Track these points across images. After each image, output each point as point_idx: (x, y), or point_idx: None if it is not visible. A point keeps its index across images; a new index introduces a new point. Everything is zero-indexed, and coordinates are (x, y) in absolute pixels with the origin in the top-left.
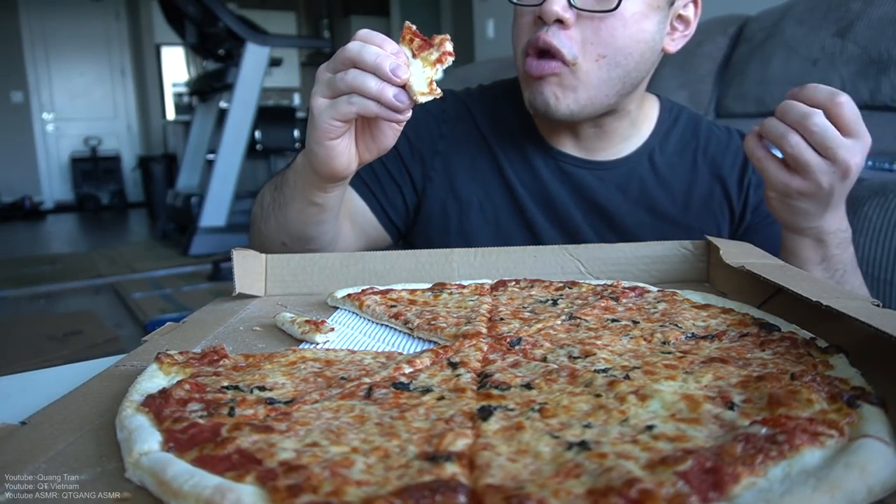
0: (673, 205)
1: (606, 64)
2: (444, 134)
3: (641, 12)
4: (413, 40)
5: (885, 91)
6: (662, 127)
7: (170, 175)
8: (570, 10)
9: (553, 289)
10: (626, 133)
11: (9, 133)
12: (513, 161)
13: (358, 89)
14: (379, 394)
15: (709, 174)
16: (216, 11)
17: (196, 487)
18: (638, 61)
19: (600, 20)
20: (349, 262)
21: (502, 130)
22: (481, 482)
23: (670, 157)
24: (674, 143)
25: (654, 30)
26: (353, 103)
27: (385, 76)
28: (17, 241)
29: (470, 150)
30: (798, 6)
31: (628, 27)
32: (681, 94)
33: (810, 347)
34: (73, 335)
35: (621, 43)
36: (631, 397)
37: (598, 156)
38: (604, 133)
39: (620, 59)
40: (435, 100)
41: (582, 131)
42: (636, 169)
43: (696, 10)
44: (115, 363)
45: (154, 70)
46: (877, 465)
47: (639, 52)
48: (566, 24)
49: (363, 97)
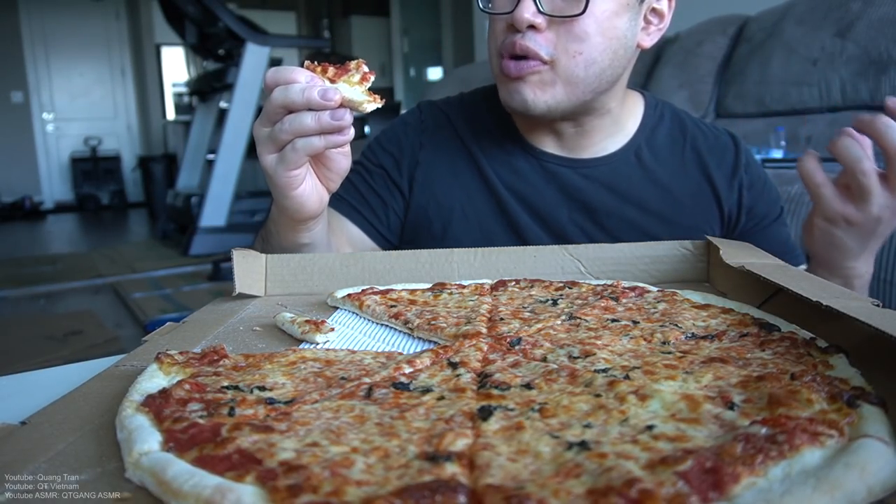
0: (662, 202)
1: (583, 61)
2: (423, 143)
3: (612, 10)
4: (326, 70)
5: (885, 91)
6: (648, 123)
7: (170, 175)
8: (541, 16)
9: (553, 289)
10: (608, 131)
11: (9, 133)
12: (494, 163)
13: (298, 132)
14: (379, 394)
15: (696, 171)
16: (216, 11)
17: (196, 487)
18: (612, 58)
19: (572, 21)
20: (349, 262)
21: (482, 134)
22: (481, 482)
23: (658, 154)
24: (661, 139)
25: (626, 27)
26: (298, 149)
27: (319, 105)
28: (17, 241)
29: (450, 156)
30: (798, 6)
31: (601, 24)
32: (681, 94)
33: (810, 347)
34: (73, 335)
35: (595, 41)
36: (631, 397)
37: (581, 154)
38: (584, 132)
39: (596, 55)
40: (412, 111)
41: (562, 130)
42: (622, 166)
43: (669, 2)
44: (115, 363)
45: (154, 70)
46: (877, 465)
47: (612, 49)
48: (539, 28)
49: (306, 137)
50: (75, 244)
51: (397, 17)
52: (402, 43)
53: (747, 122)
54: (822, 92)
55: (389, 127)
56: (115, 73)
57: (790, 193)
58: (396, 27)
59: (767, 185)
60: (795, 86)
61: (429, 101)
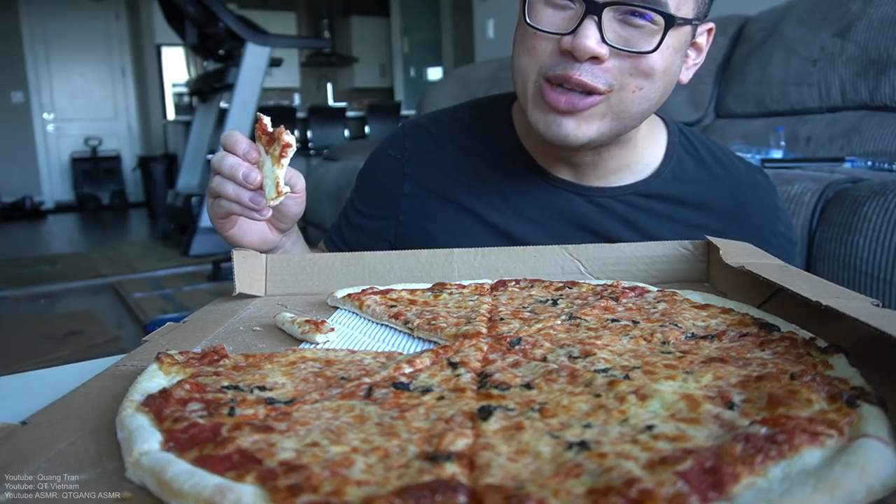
0: (681, 238)
1: (641, 97)
2: (407, 174)
3: (674, 48)
4: (262, 135)
5: (885, 91)
6: (672, 155)
7: (170, 175)
8: (605, 46)
9: (553, 289)
10: (626, 160)
11: (9, 133)
12: (495, 189)
13: (221, 195)
14: (379, 394)
15: (726, 214)
16: (216, 12)
17: (196, 487)
18: (663, 95)
19: (639, 56)
20: (349, 262)
21: (479, 157)
22: (481, 482)
23: (684, 188)
24: (689, 173)
25: (679, 63)
26: (220, 206)
27: (240, 183)
28: (18, 241)
29: (441, 187)
30: (798, 6)
31: (665, 60)
32: (681, 94)
33: (810, 347)
34: (74, 335)
35: (658, 77)
36: (631, 397)
37: (595, 182)
38: (602, 160)
39: (653, 93)
40: (396, 136)
41: (579, 160)
42: (639, 199)
43: (708, 37)
44: (116, 363)
45: (154, 70)
46: (876, 464)
47: (665, 86)
48: (601, 60)
49: (227, 200)
50: (75, 244)
51: (397, 17)
52: (402, 43)
53: (747, 122)
54: (821, 92)
55: (371, 158)
56: (115, 74)
57: (790, 193)
58: (396, 27)
59: (793, 252)
60: (795, 86)
61: (414, 123)
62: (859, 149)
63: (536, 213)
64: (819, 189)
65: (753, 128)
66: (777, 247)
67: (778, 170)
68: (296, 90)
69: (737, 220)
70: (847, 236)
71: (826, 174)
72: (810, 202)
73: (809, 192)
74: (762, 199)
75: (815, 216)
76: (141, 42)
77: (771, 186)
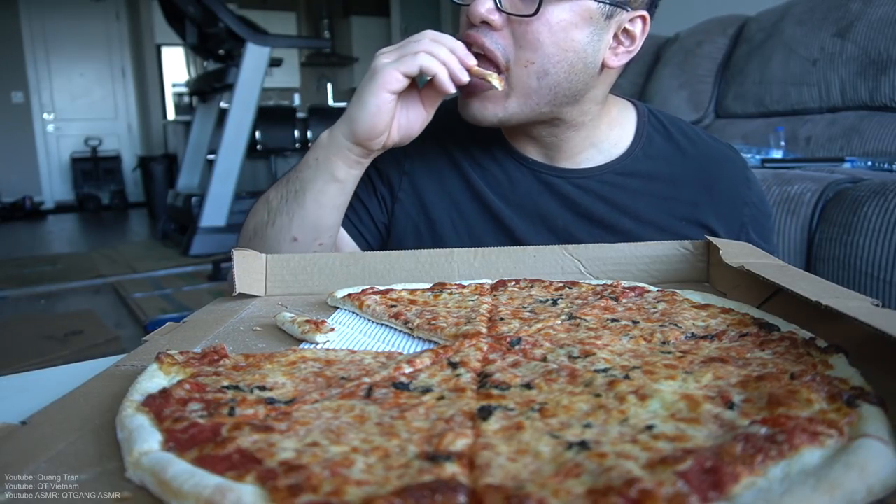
0: (658, 212)
1: (535, 71)
2: (408, 153)
3: (569, 21)
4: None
5: (885, 91)
6: (642, 135)
7: (170, 175)
8: (497, 13)
9: (553, 289)
10: (584, 144)
11: (9, 133)
12: (483, 171)
13: (429, 51)
14: (379, 394)
15: (698, 186)
16: (216, 12)
17: (196, 487)
18: (569, 72)
19: (526, 24)
20: (349, 262)
21: (469, 142)
22: (481, 482)
23: (656, 164)
24: (658, 148)
25: (585, 41)
26: (418, 58)
27: (461, 55)
28: (18, 241)
29: (437, 168)
30: (798, 6)
31: (554, 34)
32: (681, 94)
33: (810, 347)
34: (74, 335)
35: (548, 51)
36: (631, 397)
37: (566, 164)
38: (559, 142)
39: (549, 66)
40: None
41: (539, 137)
42: (614, 177)
43: (643, 26)
44: (116, 363)
45: (154, 70)
46: (876, 464)
47: (568, 62)
48: (494, 27)
49: (431, 57)
50: (75, 244)
51: (397, 17)
52: None
53: (747, 123)
54: (821, 92)
55: None
56: (115, 74)
57: (790, 193)
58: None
59: (768, 225)
60: (795, 86)
61: None
62: (859, 149)
63: (521, 193)
64: (819, 189)
65: (753, 128)
66: (749, 216)
67: (778, 170)
68: (296, 90)
69: (709, 191)
70: (847, 236)
71: (826, 174)
72: (810, 202)
73: (809, 193)
74: (731, 170)
75: (815, 216)
76: (141, 42)
77: (741, 160)
